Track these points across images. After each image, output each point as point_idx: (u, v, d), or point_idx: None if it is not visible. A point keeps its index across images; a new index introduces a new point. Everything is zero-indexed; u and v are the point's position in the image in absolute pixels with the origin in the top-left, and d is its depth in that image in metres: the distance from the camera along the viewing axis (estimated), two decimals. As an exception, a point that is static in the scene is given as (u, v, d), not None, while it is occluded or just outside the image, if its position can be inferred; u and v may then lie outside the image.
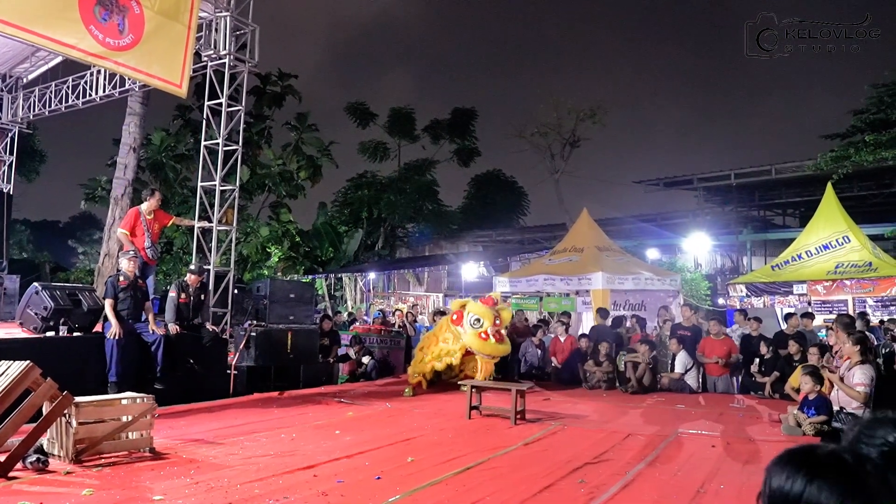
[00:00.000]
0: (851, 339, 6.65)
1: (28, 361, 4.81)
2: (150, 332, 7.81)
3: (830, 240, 12.60)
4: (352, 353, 12.03)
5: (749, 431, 6.86)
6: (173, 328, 8.15)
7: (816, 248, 12.72)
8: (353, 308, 22.45)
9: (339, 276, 24.42)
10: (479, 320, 9.38)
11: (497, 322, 9.47)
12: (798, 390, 7.49)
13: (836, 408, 6.50)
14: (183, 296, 8.52)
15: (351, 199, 28.78)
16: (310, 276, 23.03)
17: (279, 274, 23.79)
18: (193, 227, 10.66)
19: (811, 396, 6.57)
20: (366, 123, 30.00)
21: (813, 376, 6.60)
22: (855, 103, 19.42)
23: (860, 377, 6.45)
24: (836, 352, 7.70)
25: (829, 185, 13.70)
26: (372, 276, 24.26)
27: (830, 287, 12.30)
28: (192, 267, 8.99)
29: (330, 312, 19.28)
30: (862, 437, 1.06)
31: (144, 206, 9.00)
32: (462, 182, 37.21)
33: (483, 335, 9.29)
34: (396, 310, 16.53)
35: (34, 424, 4.74)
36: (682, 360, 9.98)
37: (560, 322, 12.07)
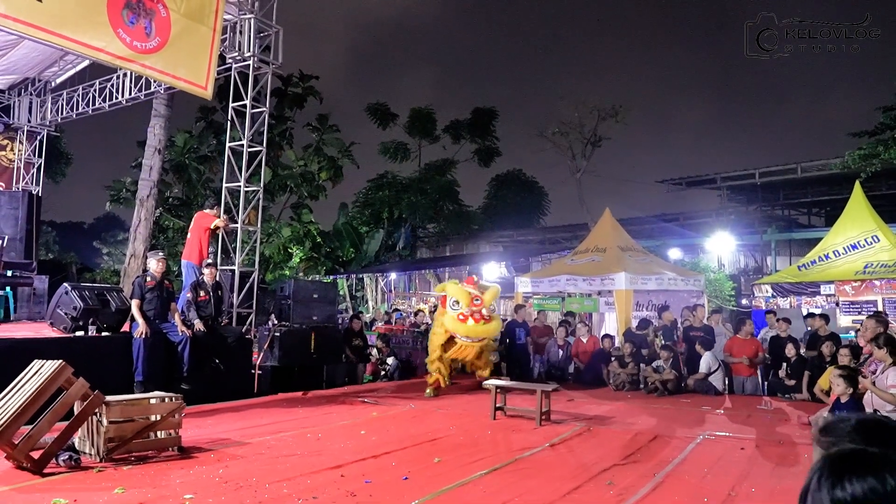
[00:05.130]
0: (880, 341, 6.53)
1: (61, 360, 4.87)
2: (179, 332, 7.87)
3: (859, 239, 12.36)
4: (376, 352, 12.08)
5: (778, 434, 6.76)
6: (198, 324, 8.20)
7: (844, 248, 12.48)
8: (373, 308, 22.52)
9: (361, 276, 24.51)
10: (457, 302, 9.32)
11: (476, 302, 9.29)
12: (828, 392, 7.37)
13: (868, 411, 6.38)
14: (202, 293, 8.52)
15: (372, 199, 28.84)
16: (331, 277, 23.14)
17: (301, 274, 23.94)
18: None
19: (843, 399, 6.44)
20: (386, 124, 30.04)
21: (846, 378, 6.47)
22: (884, 99, 19.11)
23: (894, 379, 6.32)
24: (867, 355, 7.55)
25: (857, 183, 13.46)
26: (393, 276, 24.30)
27: (859, 287, 12.09)
28: (209, 260, 9.05)
29: (351, 313, 19.35)
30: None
31: (212, 211, 9.84)
32: (482, 182, 37.16)
33: (461, 317, 9.18)
34: (418, 311, 16.54)
35: (67, 423, 4.81)
36: (706, 361, 9.86)
37: (583, 323, 12.01)
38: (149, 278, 7.82)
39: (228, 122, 11.14)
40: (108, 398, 5.05)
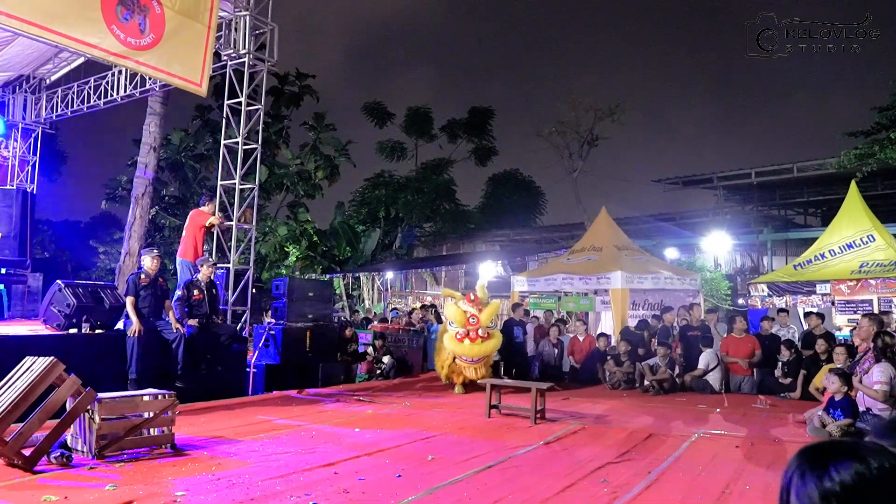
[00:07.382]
0: (878, 341, 6.56)
1: (52, 357, 4.85)
2: (173, 330, 7.84)
3: (854, 238, 12.38)
4: (372, 350, 12.06)
5: (773, 432, 6.76)
6: (193, 322, 8.15)
7: (840, 247, 12.50)
8: (369, 307, 22.49)
9: (357, 275, 24.49)
10: (453, 323, 9.37)
11: (471, 322, 9.24)
12: (823, 390, 7.38)
13: (861, 409, 6.39)
14: (196, 292, 8.45)
15: (368, 198, 28.86)
16: (327, 276, 23.11)
17: (297, 273, 23.90)
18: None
19: (837, 398, 6.45)
20: (383, 123, 30.08)
21: (840, 377, 6.48)
22: (880, 99, 19.11)
23: (878, 376, 6.35)
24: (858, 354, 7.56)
25: (853, 183, 13.47)
26: (389, 275, 24.27)
27: (855, 286, 12.08)
28: (212, 260, 9.01)
29: (347, 312, 19.31)
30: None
31: (207, 209, 9.64)
32: (479, 181, 37.22)
33: (458, 336, 9.21)
34: (413, 309, 16.52)
35: (58, 420, 4.78)
36: (706, 358, 9.86)
37: (580, 321, 12.01)
38: (143, 276, 7.79)
39: (224, 120, 11.11)
40: (101, 395, 5.02)
